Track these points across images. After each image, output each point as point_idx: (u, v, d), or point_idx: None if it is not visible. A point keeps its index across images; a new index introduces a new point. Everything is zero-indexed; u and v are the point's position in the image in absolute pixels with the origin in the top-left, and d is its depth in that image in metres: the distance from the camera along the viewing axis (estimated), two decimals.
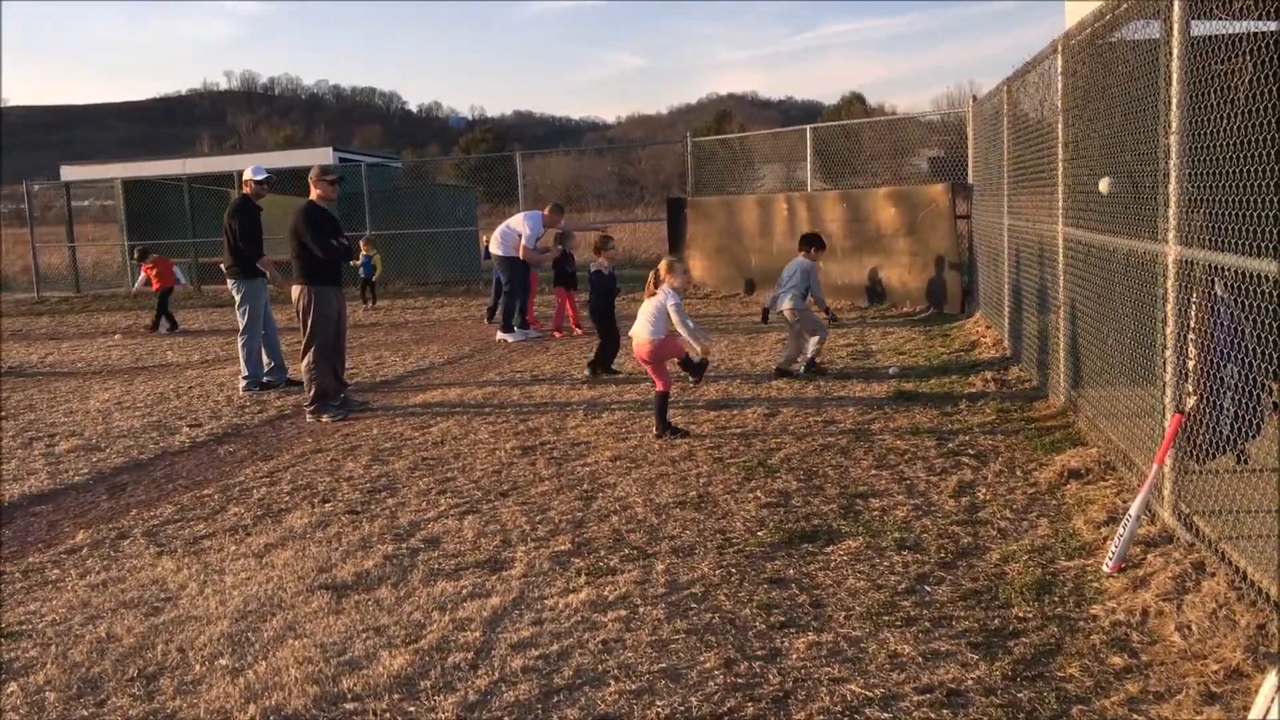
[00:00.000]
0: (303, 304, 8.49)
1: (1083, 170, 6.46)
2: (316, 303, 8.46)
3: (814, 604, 4.28)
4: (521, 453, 7.09)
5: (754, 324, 13.18)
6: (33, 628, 4.44)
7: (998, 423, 7.22)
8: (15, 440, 8.27)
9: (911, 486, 5.86)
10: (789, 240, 15.69)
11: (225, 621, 4.37)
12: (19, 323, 18.52)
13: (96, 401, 9.91)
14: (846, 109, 66.67)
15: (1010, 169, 9.21)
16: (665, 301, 7.28)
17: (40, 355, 13.68)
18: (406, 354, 12.24)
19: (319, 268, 8.49)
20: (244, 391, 9.98)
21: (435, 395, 9.40)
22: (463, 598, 4.52)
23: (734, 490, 5.95)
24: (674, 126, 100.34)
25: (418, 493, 6.23)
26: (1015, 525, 5.13)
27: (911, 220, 13.57)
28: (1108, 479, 5.58)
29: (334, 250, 8.52)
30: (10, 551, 5.53)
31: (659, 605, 4.33)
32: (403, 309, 17.62)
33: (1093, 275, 6.23)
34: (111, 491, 6.70)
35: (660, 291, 7.36)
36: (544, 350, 11.92)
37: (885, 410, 7.80)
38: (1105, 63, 5.94)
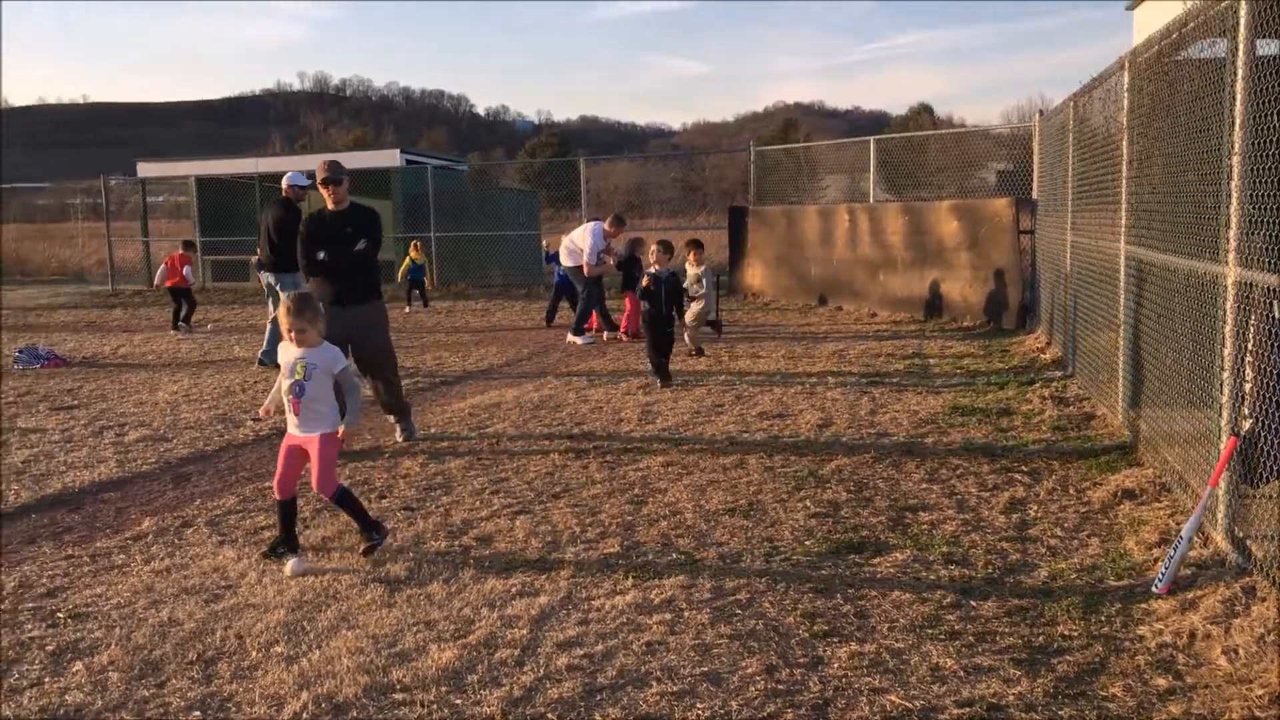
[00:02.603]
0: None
1: (1145, 188, 6.41)
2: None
3: (858, 614, 4.31)
4: (575, 455, 7.18)
5: (813, 334, 13.18)
6: (98, 610, 4.60)
7: (1053, 440, 7.18)
8: (87, 429, 8.53)
9: (962, 501, 5.85)
10: (849, 251, 15.68)
11: (282, 610, 4.50)
12: (93, 315, 19.03)
13: (165, 393, 10.18)
14: (914, 120, 66.15)
15: (1074, 185, 9.14)
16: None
17: (113, 347, 14.06)
18: (466, 355, 12.40)
19: (315, 284, 7.55)
20: (259, 366, 11.12)
21: (493, 396, 9.53)
22: (512, 596, 4.61)
23: (784, 499, 5.98)
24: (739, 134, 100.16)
25: (471, 492, 6.35)
26: (1065, 543, 5.10)
27: (974, 234, 13.48)
28: (1162, 500, 5.53)
29: (314, 266, 7.50)
30: (79, 536, 5.72)
31: (704, 610, 4.39)
32: (464, 311, 17.84)
33: (1153, 295, 6.18)
34: (177, 481, 6.89)
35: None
36: (601, 354, 12.02)
37: (939, 424, 7.78)
38: (1171, 81, 5.89)
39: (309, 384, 5.16)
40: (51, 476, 7.02)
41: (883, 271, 15.10)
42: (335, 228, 7.44)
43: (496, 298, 19.82)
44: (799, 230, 16.91)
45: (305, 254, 7.49)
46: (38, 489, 6.71)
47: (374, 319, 7.62)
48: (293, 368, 5.17)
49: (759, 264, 17.86)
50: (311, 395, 5.18)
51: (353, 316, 7.37)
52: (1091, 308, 8.17)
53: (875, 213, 15.45)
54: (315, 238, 7.46)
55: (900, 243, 14.72)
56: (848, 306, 15.69)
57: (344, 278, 7.43)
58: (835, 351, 11.63)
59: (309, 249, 7.47)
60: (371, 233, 7.54)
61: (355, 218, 7.52)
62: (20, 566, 5.21)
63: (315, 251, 7.43)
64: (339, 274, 7.41)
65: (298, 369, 5.16)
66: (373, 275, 7.63)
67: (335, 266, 7.39)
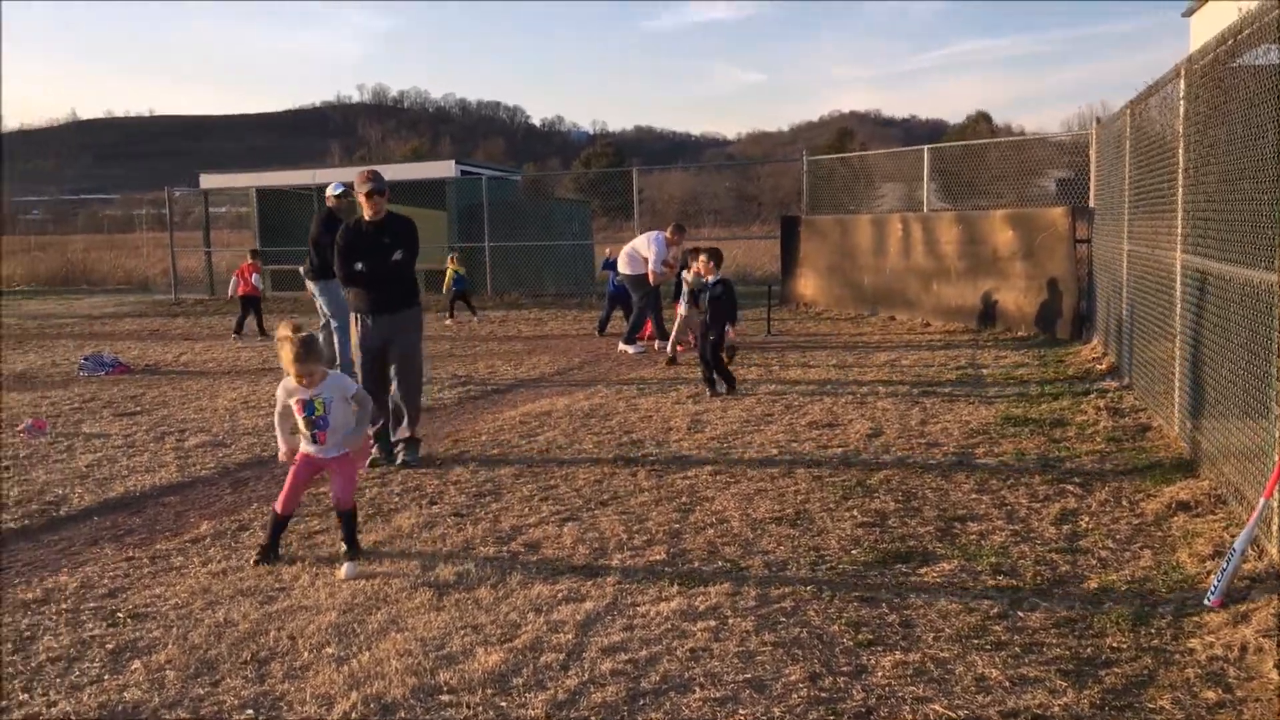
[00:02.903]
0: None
1: (1201, 196, 6.32)
2: (360, 331, 7.55)
3: (903, 624, 4.30)
4: (623, 463, 7.22)
5: (864, 344, 13.12)
6: (157, 610, 4.72)
7: (1107, 451, 7.09)
8: (149, 434, 8.73)
9: (1012, 512, 5.81)
10: (902, 260, 15.60)
11: (333, 612, 4.59)
12: (156, 323, 19.44)
13: (224, 400, 10.39)
14: (972, 128, 65.55)
15: (1130, 193, 9.03)
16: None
17: (175, 355, 14.36)
18: (518, 364, 12.51)
19: (352, 294, 7.58)
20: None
21: (543, 404, 9.61)
22: (558, 601, 4.66)
23: (831, 509, 5.98)
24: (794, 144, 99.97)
25: (521, 498, 6.41)
26: (1117, 555, 5.05)
27: (1029, 243, 13.34)
28: (1217, 512, 5.45)
29: (351, 276, 7.43)
30: (140, 538, 5.87)
31: (748, 617, 4.40)
32: (517, 320, 17.98)
33: (1209, 304, 6.09)
34: (235, 486, 7.04)
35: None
36: (652, 363, 12.06)
37: (991, 435, 7.71)
38: (1226, 88, 5.82)
39: (330, 415, 5.32)
40: (114, 480, 7.20)
41: (936, 281, 15.00)
42: (373, 238, 7.42)
43: (549, 307, 19.95)
44: (852, 240, 16.84)
45: (343, 264, 7.46)
46: (101, 492, 6.89)
47: (410, 323, 7.58)
48: (311, 406, 5.29)
49: (811, 273, 17.81)
50: (334, 425, 5.35)
51: (390, 322, 7.44)
52: (1148, 318, 8.06)
53: (929, 222, 15.35)
54: (353, 248, 7.42)
55: (954, 252, 14.61)
56: (900, 316, 15.60)
57: (381, 288, 7.42)
58: (887, 361, 11.58)
59: (346, 259, 7.43)
60: (408, 243, 7.51)
61: (392, 228, 7.49)
62: (83, 567, 5.36)
63: (353, 262, 7.39)
64: (376, 284, 7.41)
65: (317, 407, 5.30)
66: (410, 285, 7.63)
67: (373, 277, 7.38)
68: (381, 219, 7.47)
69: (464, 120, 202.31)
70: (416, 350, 7.68)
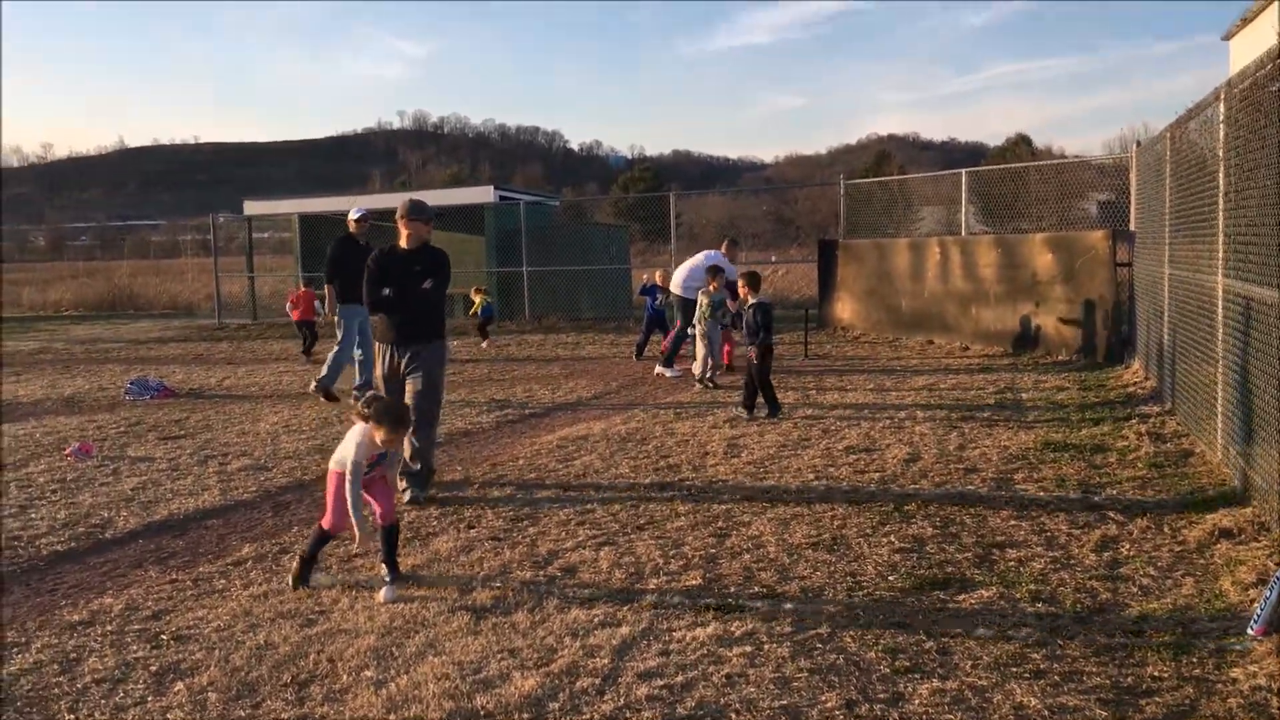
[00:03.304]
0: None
1: (1243, 221, 6.27)
2: (384, 361, 7.35)
3: (941, 651, 4.28)
4: (660, 488, 7.24)
5: (902, 368, 13.07)
6: (199, 632, 4.79)
7: (1149, 477, 7.02)
8: (192, 458, 8.86)
9: (1052, 539, 5.76)
10: (940, 284, 15.54)
11: (372, 636, 4.64)
12: (200, 348, 19.71)
13: (266, 424, 10.52)
14: (1011, 151, 65.14)
15: (1171, 217, 8.96)
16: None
17: (218, 379, 14.56)
18: (555, 387, 12.57)
19: (379, 322, 7.40)
20: (313, 390, 11.91)
21: (580, 429, 9.65)
22: (594, 626, 4.68)
23: (868, 534, 5.96)
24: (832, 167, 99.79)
25: (558, 523, 6.44)
26: (1158, 583, 5.00)
27: (1069, 267, 13.25)
28: (1261, 540, 5.38)
29: (379, 303, 7.29)
30: (183, 561, 5.96)
31: (784, 643, 4.40)
32: (554, 344, 18.07)
33: (1252, 329, 6.03)
34: (276, 509, 7.13)
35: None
36: (689, 388, 12.07)
37: (1030, 460, 7.66)
38: (1266, 111, 5.78)
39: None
40: (159, 503, 7.31)
41: (975, 305, 14.92)
42: (404, 265, 7.31)
43: (586, 331, 20.02)
44: (889, 263, 16.80)
45: (371, 289, 7.31)
46: (145, 515, 7.00)
47: (434, 357, 7.37)
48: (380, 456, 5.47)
49: (848, 297, 17.78)
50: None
51: (414, 353, 7.27)
52: (1190, 342, 7.99)
53: (967, 246, 15.28)
54: (384, 273, 7.29)
55: (993, 275, 14.53)
56: (939, 340, 15.53)
57: (408, 316, 7.27)
58: (925, 385, 11.52)
59: (375, 284, 7.30)
60: (439, 273, 7.38)
61: (425, 257, 7.39)
62: (128, 590, 5.45)
63: (381, 287, 7.26)
64: (404, 311, 7.26)
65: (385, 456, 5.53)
66: (438, 316, 7.47)
67: (400, 304, 7.24)
68: (417, 248, 7.41)
69: (503, 145, 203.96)
70: (437, 386, 7.43)
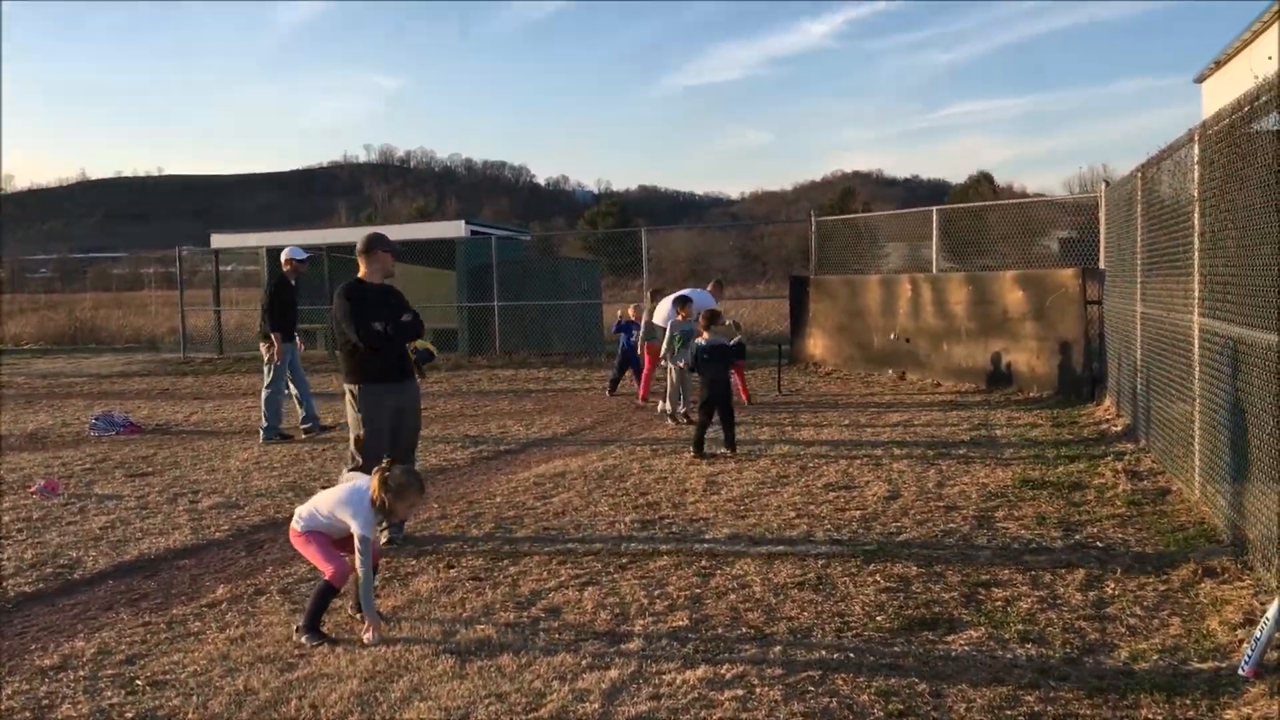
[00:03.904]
0: (351, 406, 7.00)
1: (1220, 260, 6.34)
2: (361, 406, 6.89)
3: (934, 694, 4.24)
4: (641, 526, 7.18)
5: (876, 404, 13.10)
6: (175, 677, 4.67)
7: (1128, 515, 7.04)
8: (161, 496, 8.70)
9: (1036, 577, 5.76)
10: (912, 320, 15.64)
11: (355, 680, 4.54)
12: (165, 382, 19.46)
13: (236, 461, 10.37)
14: (974, 189, 65.96)
15: (1144, 256, 9.06)
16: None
17: (185, 414, 14.36)
18: (529, 423, 12.49)
19: (363, 360, 6.90)
20: (264, 442, 11.41)
21: (557, 465, 9.57)
22: (582, 669, 4.60)
23: (853, 573, 5.93)
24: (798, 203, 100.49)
25: (539, 562, 6.37)
26: (1145, 622, 4.99)
27: (1039, 304, 13.37)
28: (1244, 579, 5.40)
29: (376, 337, 6.84)
30: (156, 603, 5.82)
31: (776, 686, 4.35)
32: (526, 379, 17.98)
33: (1231, 368, 6.08)
34: (250, 549, 7.00)
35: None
36: (663, 424, 12.03)
37: (1009, 498, 7.67)
38: (1244, 153, 5.86)
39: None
40: (128, 543, 7.16)
41: (946, 341, 15.01)
42: (380, 298, 7.00)
43: (558, 366, 19.95)
44: (861, 299, 16.90)
45: (359, 324, 6.82)
46: (115, 555, 6.85)
47: (417, 397, 7.23)
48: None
49: (820, 333, 17.85)
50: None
51: (402, 395, 7.01)
52: (1165, 380, 8.05)
53: (938, 282, 15.40)
54: (370, 306, 6.91)
55: (964, 312, 14.64)
56: (911, 376, 15.60)
57: (400, 352, 7.05)
58: (900, 421, 11.55)
59: (362, 319, 6.83)
60: (408, 307, 7.15)
61: (393, 291, 7.16)
62: (99, 632, 5.31)
63: (370, 321, 6.83)
64: (396, 348, 7.00)
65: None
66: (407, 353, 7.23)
67: (395, 338, 6.95)
68: (384, 281, 7.14)
69: (469, 179, 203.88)
70: (420, 425, 7.38)
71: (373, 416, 6.88)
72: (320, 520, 5.26)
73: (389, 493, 5.09)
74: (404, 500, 5.17)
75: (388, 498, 5.09)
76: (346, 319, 6.86)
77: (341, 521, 5.17)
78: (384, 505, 5.12)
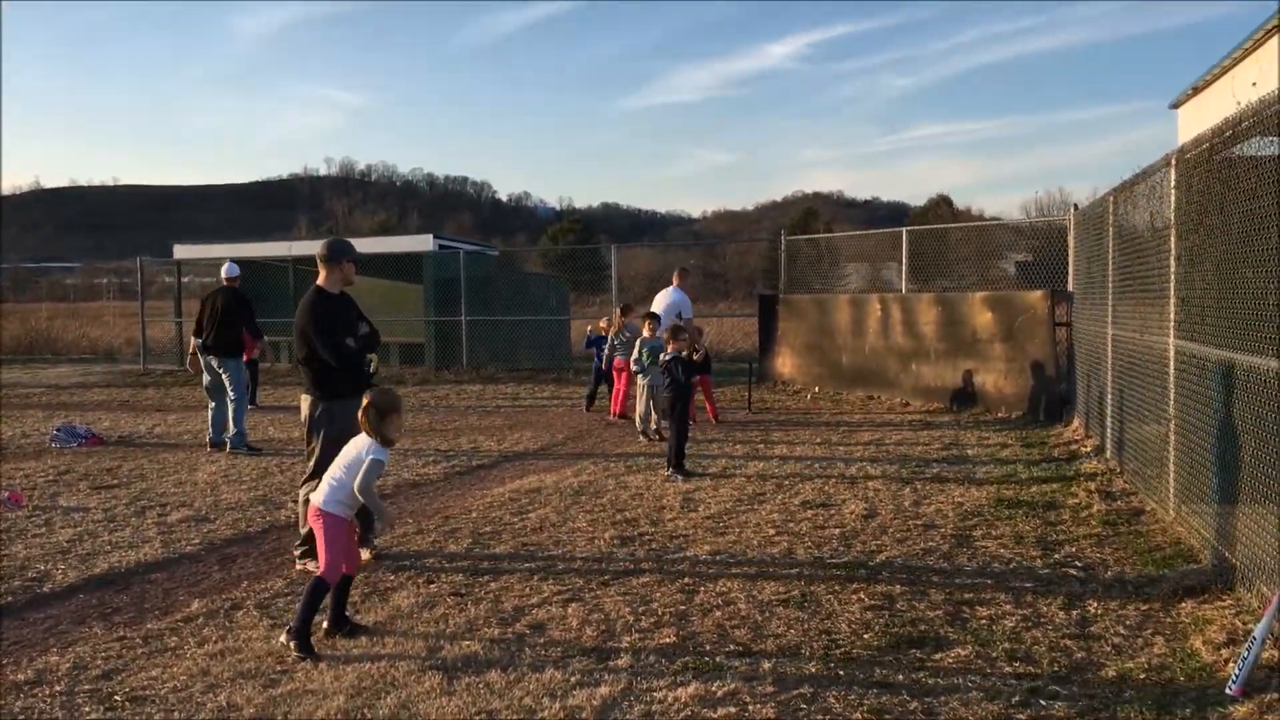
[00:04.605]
0: (310, 420, 6.75)
1: (1197, 284, 6.43)
2: (326, 422, 6.64)
3: (926, 712, 4.24)
4: (620, 542, 7.14)
5: (847, 423, 13.15)
6: (155, 693, 4.57)
7: (1104, 535, 7.10)
8: (129, 508, 8.55)
9: (1019, 596, 5.78)
10: (881, 340, 15.73)
11: (341, 697, 4.46)
12: (125, 393, 19.15)
13: (204, 474, 10.21)
14: (933, 211, 66.67)
15: (1115, 279, 9.16)
16: None
17: (148, 426, 14.13)
18: (501, 439, 12.40)
19: (330, 375, 6.68)
20: (232, 450, 11.52)
21: (531, 480, 9.51)
22: (572, 685, 4.56)
23: (836, 591, 5.92)
24: (759, 223, 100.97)
25: (520, 577, 6.31)
26: (1130, 642, 5.02)
27: (1008, 326, 13.50)
28: (1225, 599, 5.45)
29: (348, 352, 6.69)
30: (129, 618, 5.70)
31: (768, 704, 4.32)
32: (494, 394, 17.88)
33: (1207, 389, 6.15)
34: (222, 563, 6.88)
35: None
36: (635, 440, 11.99)
37: (986, 517, 7.71)
38: (1222, 178, 5.95)
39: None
40: (97, 556, 7.02)
41: (915, 361, 15.11)
42: (345, 310, 6.88)
43: (525, 381, 19.85)
44: (830, 319, 16.98)
45: (332, 340, 6.64)
46: (84, 569, 6.71)
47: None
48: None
49: (789, 351, 17.90)
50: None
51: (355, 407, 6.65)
52: (1138, 402, 8.14)
53: (907, 303, 15.51)
54: (340, 320, 6.78)
55: (933, 333, 14.75)
56: (880, 395, 15.68)
57: (362, 367, 6.83)
58: (872, 440, 11.59)
59: (333, 334, 6.67)
60: (365, 316, 7.03)
61: (352, 302, 7.01)
62: (73, 647, 5.20)
63: (339, 336, 6.69)
64: (361, 362, 6.80)
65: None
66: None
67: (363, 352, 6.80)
68: (344, 291, 6.96)
69: (431, 194, 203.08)
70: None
71: (338, 431, 6.55)
72: (337, 482, 5.33)
73: (379, 418, 5.36)
74: (393, 419, 5.42)
75: (380, 424, 5.36)
76: (317, 334, 6.66)
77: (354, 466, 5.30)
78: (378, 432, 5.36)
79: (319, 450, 6.62)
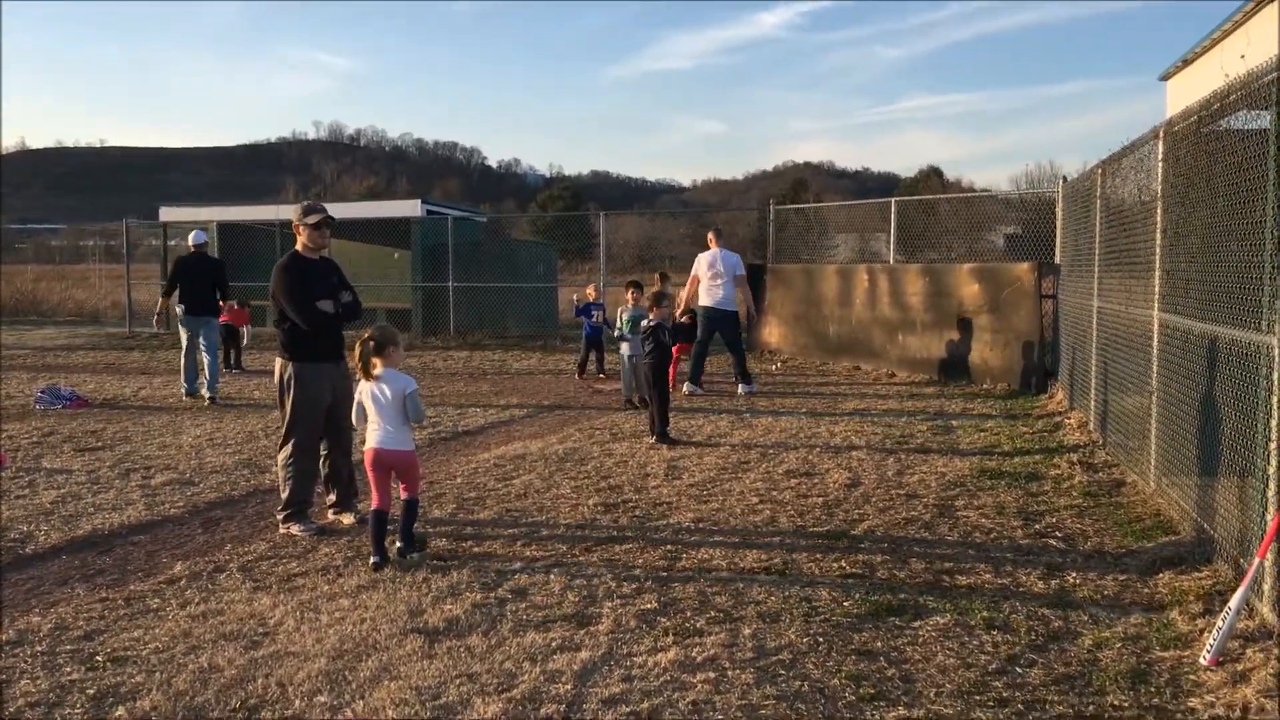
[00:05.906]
0: (282, 383, 6.78)
1: (1182, 257, 6.44)
2: (298, 385, 6.68)
3: (904, 678, 4.27)
4: (604, 509, 7.16)
5: (832, 393, 13.17)
6: (137, 654, 4.58)
7: (1085, 506, 7.14)
8: (113, 471, 8.53)
9: (998, 566, 5.82)
10: (868, 310, 15.74)
11: (323, 659, 4.48)
12: (111, 356, 19.09)
13: (189, 437, 10.19)
14: (924, 182, 66.64)
15: (1102, 251, 9.17)
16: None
17: (133, 389, 14.09)
18: (487, 405, 12.40)
19: (302, 338, 6.71)
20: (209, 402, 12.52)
21: (517, 447, 9.53)
22: (552, 650, 4.58)
23: (818, 559, 5.96)
24: (749, 192, 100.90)
25: (503, 543, 6.33)
26: (1107, 611, 5.06)
27: (994, 297, 13.51)
28: (1202, 570, 5.49)
29: (321, 317, 6.72)
30: (112, 579, 5.71)
31: (748, 669, 4.35)
32: (481, 360, 17.86)
33: (1190, 362, 6.18)
34: (206, 526, 6.88)
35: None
36: (620, 409, 12.00)
37: (968, 487, 7.75)
38: (1209, 151, 5.95)
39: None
40: (80, 518, 7.02)
41: (902, 332, 15.13)
42: (324, 275, 6.89)
43: (513, 348, 19.83)
44: (817, 289, 16.97)
45: (303, 304, 6.66)
46: (67, 530, 6.71)
47: (348, 374, 6.89)
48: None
49: (776, 321, 17.91)
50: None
51: (336, 371, 6.90)
52: (1121, 374, 8.17)
53: (895, 274, 15.51)
54: (314, 283, 6.78)
55: (920, 304, 14.76)
56: (866, 366, 15.70)
57: (338, 331, 6.91)
58: (856, 410, 11.62)
59: (306, 297, 6.69)
60: (348, 284, 7.05)
61: (334, 266, 7.05)
62: (55, 608, 5.20)
63: (313, 299, 6.71)
64: (338, 327, 6.87)
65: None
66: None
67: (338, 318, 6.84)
68: (322, 256, 6.99)
69: (420, 160, 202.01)
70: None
71: (311, 395, 6.75)
72: (394, 427, 6.10)
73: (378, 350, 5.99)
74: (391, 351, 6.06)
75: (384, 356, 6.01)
76: (289, 297, 6.69)
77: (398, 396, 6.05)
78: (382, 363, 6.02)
79: (289, 413, 6.77)
